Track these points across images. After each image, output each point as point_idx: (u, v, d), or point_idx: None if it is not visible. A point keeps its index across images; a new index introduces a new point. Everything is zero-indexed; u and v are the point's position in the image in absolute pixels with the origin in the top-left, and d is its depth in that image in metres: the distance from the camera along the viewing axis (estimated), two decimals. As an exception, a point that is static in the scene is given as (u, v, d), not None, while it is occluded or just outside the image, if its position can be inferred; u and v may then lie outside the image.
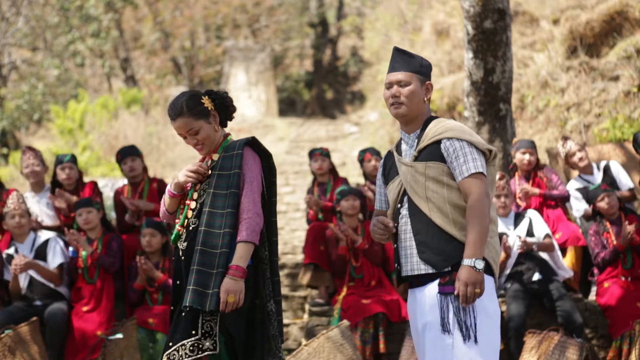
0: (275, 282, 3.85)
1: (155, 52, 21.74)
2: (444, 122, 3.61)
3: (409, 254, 3.57)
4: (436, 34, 14.83)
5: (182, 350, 3.64)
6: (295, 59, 25.65)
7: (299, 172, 14.54)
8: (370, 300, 6.62)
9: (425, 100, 3.66)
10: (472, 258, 3.37)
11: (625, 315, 6.40)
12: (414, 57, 3.68)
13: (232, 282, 3.60)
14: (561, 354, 6.02)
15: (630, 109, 9.73)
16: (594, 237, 6.87)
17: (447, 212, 3.47)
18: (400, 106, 3.63)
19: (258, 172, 3.78)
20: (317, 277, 7.25)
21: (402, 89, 3.62)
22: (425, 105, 3.67)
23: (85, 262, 6.66)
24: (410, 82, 3.63)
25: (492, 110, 7.76)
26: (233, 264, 3.61)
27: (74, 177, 7.22)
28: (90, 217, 6.72)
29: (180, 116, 3.77)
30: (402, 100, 3.62)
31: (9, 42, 17.53)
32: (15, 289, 6.60)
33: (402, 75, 3.63)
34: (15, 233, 6.68)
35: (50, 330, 6.49)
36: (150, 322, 6.48)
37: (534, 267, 6.68)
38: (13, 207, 6.63)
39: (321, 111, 23.28)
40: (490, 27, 7.56)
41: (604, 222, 6.88)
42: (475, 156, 3.49)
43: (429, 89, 3.68)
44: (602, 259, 6.75)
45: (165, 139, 15.81)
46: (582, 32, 11.11)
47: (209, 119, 3.81)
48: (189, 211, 3.83)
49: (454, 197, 3.49)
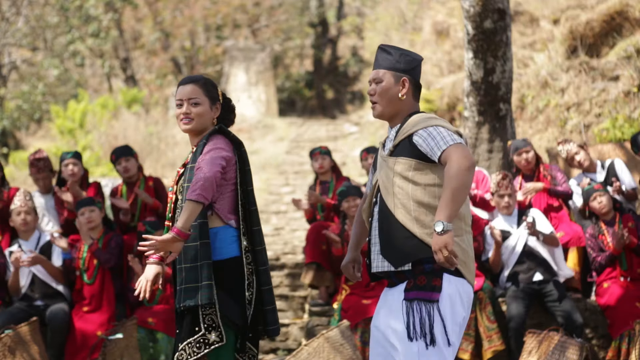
0: (260, 271, 3.79)
1: (155, 52, 21.74)
2: (417, 117, 3.53)
3: (375, 250, 3.53)
4: (436, 34, 14.83)
5: (189, 348, 3.64)
6: (295, 59, 25.64)
7: (299, 172, 14.54)
8: (370, 301, 6.62)
9: (401, 95, 3.56)
10: (437, 221, 3.25)
11: (625, 315, 6.40)
12: (391, 53, 3.60)
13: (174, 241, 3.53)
14: (561, 354, 6.02)
15: (630, 109, 9.73)
16: (590, 240, 6.85)
17: (410, 209, 3.39)
18: (374, 106, 3.60)
19: (223, 148, 3.72)
20: (319, 276, 7.25)
21: (376, 87, 3.58)
22: (404, 101, 3.57)
23: (83, 263, 6.67)
24: (382, 80, 3.57)
25: (492, 110, 7.76)
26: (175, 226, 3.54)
27: (79, 173, 7.23)
28: (93, 216, 6.73)
29: (194, 83, 3.83)
30: (375, 99, 3.58)
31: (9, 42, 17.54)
32: (14, 286, 6.60)
33: (375, 73, 3.60)
34: (21, 230, 6.71)
35: (51, 330, 6.50)
36: (150, 321, 6.48)
37: (535, 267, 6.67)
38: (19, 204, 6.66)
39: (321, 111, 23.28)
40: (490, 27, 7.56)
41: (599, 224, 6.85)
42: (449, 133, 3.40)
43: (404, 84, 3.56)
44: (599, 263, 6.74)
45: (165, 139, 15.81)
46: (582, 32, 11.12)
47: (212, 104, 3.86)
48: (172, 205, 3.86)
49: (418, 194, 3.40)
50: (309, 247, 7.30)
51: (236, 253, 3.72)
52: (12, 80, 19.00)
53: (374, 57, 3.74)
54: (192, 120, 3.81)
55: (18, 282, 6.60)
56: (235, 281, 3.71)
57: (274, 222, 11.80)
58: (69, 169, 7.18)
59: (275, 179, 14.40)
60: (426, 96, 13.09)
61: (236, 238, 3.75)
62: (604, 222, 6.84)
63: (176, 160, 14.87)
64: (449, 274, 3.39)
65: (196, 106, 3.80)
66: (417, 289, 3.37)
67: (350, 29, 25.26)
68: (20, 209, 6.66)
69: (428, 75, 14.03)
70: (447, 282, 3.38)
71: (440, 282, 3.37)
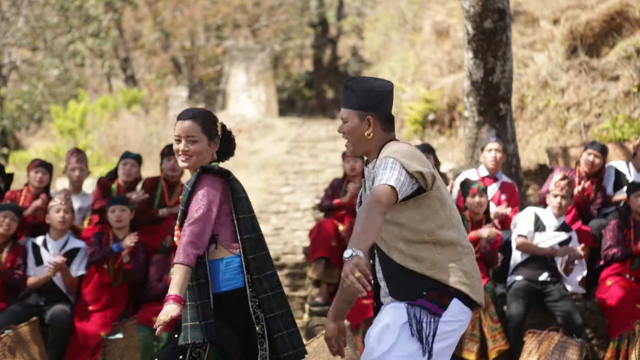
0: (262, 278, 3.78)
1: (155, 52, 21.73)
2: (385, 148, 3.48)
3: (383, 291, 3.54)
4: (436, 34, 14.83)
5: None
6: (295, 59, 25.63)
7: (299, 172, 14.53)
8: (371, 301, 6.61)
9: (367, 135, 3.51)
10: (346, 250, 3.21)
11: (625, 315, 6.39)
12: (355, 90, 3.54)
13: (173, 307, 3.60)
14: (561, 354, 6.02)
15: (630, 109, 9.73)
16: (612, 231, 6.75)
17: (402, 250, 3.41)
18: (348, 145, 3.58)
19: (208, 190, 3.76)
20: (327, 272, 7.26)
21: (344, 126, 3.56)
22: (373, 138, 3.52)
23: (113, 265, 6.67)
24: (348, 119, 3.54)
25: (492, 110, 7.76)
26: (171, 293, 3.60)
27: (134, 175, 7.29)
28: (124, 215, 6.73)
29: (192, 119, 3.82)
30: (346, 137, 3.56)
31: (9, 42, 17.54)
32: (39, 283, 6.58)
33: (342, 113, 3.58)
34: (56, 229, 6.69)
35: (53, 331, 6.49)
36: (154, 320, 6.46)
37: (544, 269, 6.67)
38: (60, 202, 6.68)
39: (321, 111, 23.27)
40: (490, 27, 7.56)
41: (629, 219, 6.81)
42: (394, 172, 3.32)
43: (369, 122, 3.50)
44: (613, 254, 6.68)
45: (166, 139, 15.80)
46: (582, 32, 11.12)
47: (210, 140, 3.85)
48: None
49: (405, 234, 3.40)
50: (316, 244, 7.28)
51: (241, 284, 3.75)
52: (12, 80, 19.00)
53: (374, 57, 3.73)
54: (190, 158, 3.81)
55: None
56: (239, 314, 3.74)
57: (273, 222, 11.79)
58: (126, 168, 7.24)
59: (275, 179, 14.39)
60: (426, 96, 13.10)
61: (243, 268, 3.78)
62: (634, 219, 6.80)
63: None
64: (458, 300, 3.41)
65: (194, 144, 3.79)
66: (425, 299, 3.39)
67: (350, 29, 25.26)
68: (60, 207, 6.66)
69: (428, 75, 14.03)
70: (454, 306, 3.40)
71: (449, 302, 3.39)
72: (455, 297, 3.40)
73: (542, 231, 6.73)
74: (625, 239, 6.73)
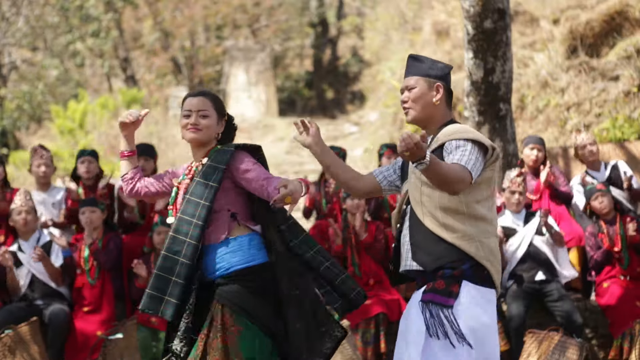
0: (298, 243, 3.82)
1: (155, 52, 21.73)
2: (453, 127, 3.58)
3: (405, 257, 3.60)
4: (436, 34, 14.83)
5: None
6: (295, 59, 25.63)
7: (299, 172, 14.52)
8: (370, 301, 6.61)
9: (435, 101, 3.61)
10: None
11: (626, 314, 6.41)
12: (422, 61, 3.67)
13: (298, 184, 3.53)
14: (561, 354, 6.03)
15: (630, 109, 9.74)
16: (589, 239, 6.87)
17: (437, 217, 3.46)
18: (407, 111, 3.66)
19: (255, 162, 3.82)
20: None
21: (409, 93, 3.64)
22: (438, 107, 3.63)
23: (87, 263, 6.68)
24: (416, 86, 3.63)
25: (492, 110, 7.76)
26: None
27: (94, 171, 7.31)
28: (93, 217, 6.74)
29: (204, 96, 3.87)
30: (409, 105, 3.64)
31: (9, 42, 17.54)
32: (12, 285, 6.59)
33: (408, 80, 3.66)
34: (21, 230, 6.71)
35: (52, 330, 6.49)
36: (153, 321, 6.47)
37: (537, 267, 6.68)
38: (20, 203, 6.67)
39: (321, 111, 23.27)
40: (490, 27, 7.56)
41: (600, 223, 6.87)
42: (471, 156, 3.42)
43: (438, 90, 3.62)
44: (595, 260, 6.76)
45: (165, 139, 15.80)
46: (582, 32, 11.12)
47: (219, 119, 3.89)
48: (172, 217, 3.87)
49: (444, 201, 3.47)
50: None
51: (266, 259, 3.77)
52: (12, 80, 18.99)
53: (374, 57, 3.77)
54: (200, 131, 3.83)
55: (16, 281, 6.60)
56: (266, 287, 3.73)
57: (274, 222, 11.79)
58: (84, 166, 7.25)
59: (275, 179, 14.39)
60: (426, 96, 13.08)
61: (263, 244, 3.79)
62: (604, 221, 6.86)
63: (176, 160, 14.87)
64: (468, 282, 3.44)
65: (205, 118, 3.83)
66: (434, 292, 3.42)
67: (350, 29, 25.26)
68: (21, 209, 6.66)
69: (428, 75, 14.01)
70: (465, 289, 3.43)
71: (458, 288, 3.42)
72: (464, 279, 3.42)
73: (514, 234, 6.76)
74: (602, 242, 6.80)
